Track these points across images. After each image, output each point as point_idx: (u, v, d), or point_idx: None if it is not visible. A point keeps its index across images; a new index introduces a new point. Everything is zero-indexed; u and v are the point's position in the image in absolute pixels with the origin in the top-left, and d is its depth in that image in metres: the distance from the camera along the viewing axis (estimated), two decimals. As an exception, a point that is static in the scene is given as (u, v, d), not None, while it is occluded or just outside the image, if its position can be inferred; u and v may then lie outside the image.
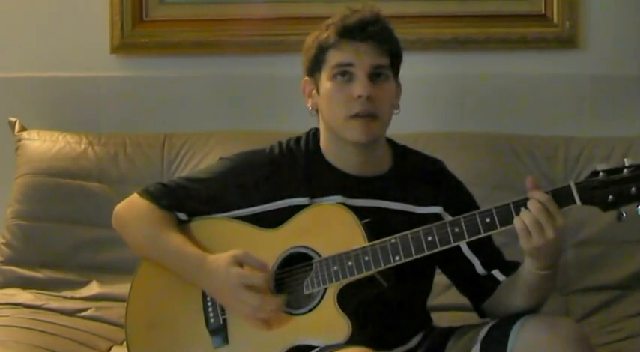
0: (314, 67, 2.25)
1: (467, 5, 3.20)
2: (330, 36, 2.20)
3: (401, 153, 2.34)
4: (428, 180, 2.32)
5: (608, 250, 2.85)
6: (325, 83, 2.22)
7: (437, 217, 2.26)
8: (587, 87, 3.16)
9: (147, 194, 2.32)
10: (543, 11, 3.16)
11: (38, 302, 2.87)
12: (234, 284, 2.14)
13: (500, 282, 2.25)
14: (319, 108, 2.27)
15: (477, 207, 2.29)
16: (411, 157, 2.36)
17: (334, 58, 2.20)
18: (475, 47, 3.18)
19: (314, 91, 2.27)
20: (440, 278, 2.38)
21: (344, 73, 2.20)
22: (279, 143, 2.34)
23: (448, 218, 2.24)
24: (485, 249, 2.26)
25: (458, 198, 2.32)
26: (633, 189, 1.98)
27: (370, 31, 2.19)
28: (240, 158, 2.34)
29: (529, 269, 2.09)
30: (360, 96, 2.17)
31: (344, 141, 2.24)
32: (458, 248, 2.22)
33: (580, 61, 3.17)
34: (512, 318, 2.10)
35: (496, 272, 2.26)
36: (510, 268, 2.23)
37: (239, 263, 2.17)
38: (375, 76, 2.20)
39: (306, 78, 2.29)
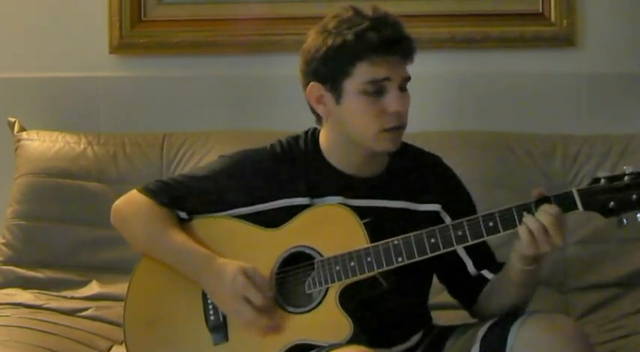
0: (332, 76, 2.17)
1: (464, 4, 3.20)
2: (363, 49, 2.12)
3: (399, 149, 2.33)
4: (425, 176, 2.32)
5: (607, 248, 2.86)
6: (353, 97, 2.16)
7: (435, 215, 2.27)
8: (584, 85, 3.17)
9: (147, 190, 2.32)
10: (541, 10, 3.16)
11: (38, 302, 2.87)
12: (237, 292, 2.14)
13: (489, 281, 2.26)
14: (336, 117, 2.22)
15: (473, 206, 2.33)
16: (409, 153, 2.36)
17: (367, 72, 2.13)
18: (472, 46, 3.19)
19: (326, 98, 2.21)
20: (436, 277, 2.39)
21: (378, 88, 2.15)
22: (280, 141, 2.34)
23: (446, 216, 2.27)
24: (479, 249, 2.26)
25: (456, 196, 2.33)
26: (634, 196, 1.99)
27: (403, 45, 2.15)
28: (240, 156, 2.34)
29: (515, 266, 2.11)
30: (395, 111, 2.15)
31: (356, 147, 2.22)
32: None
33: (578, 59, 3.17)
34: (511, 317, 2.11)
35: (485, 272, 2.27)
36: (499, 268, 2.24)
37: (246, 275, 2.16)
38: (402, 88, 2.17)
39: (315, 83, 2.21)
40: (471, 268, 2.27)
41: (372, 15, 2.17)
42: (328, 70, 2.18)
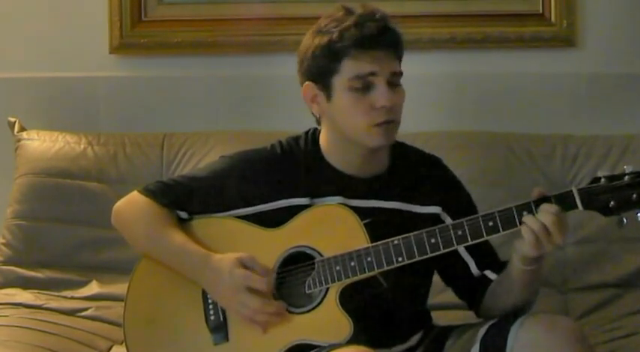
0: (321, 74, 2.20)
1: (464, 4, 3.20)
2: (346, 45, 2.14)
3: (399, 150, 2.34)
4: (427, 178, 2.32)
5: (607, 248, 2.86)
6: (341, 94, 2.18)
7: (436, 217, 2.27)
8: (584, 85, 3.16)
9: (147, 192, 2.32)
10: (541, 10, 3.16)
11: (38, 302, 2.87)
12: (237, 285, 2.15)
13: (492, 281, 2.26)
14: (328, 115, 2.24)
15: (473, 207, 2.33)
16: (410, 155, 2.36)
17: (352, 68, 2.15)
18: (473, 46, 3.18)
19: (319, 97, 2.24)
20: (440, 278, 2.39)
21: (364, 84, 2.16)
22: (280, 142, 2.34)
23: (447, 218, 2.26)
24: (481, 250, 2.26)
25: (456, 198, 2.33)
26: (634, 195, 2.01)
27: (387, 39, 2.17)
28: (241, 156, 2.34)
29: (516, 266, 2.11)
30: (383, 107, 2.15)
31: (354, 145, 2.23)
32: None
33: (578, 59, 3.17)
34: (511, 318, 2.11)
35: (488, 272, 2.27)
36: (502, 268, 2.24)
37: (243, 265, 2.17)
38: (391, 82, 2.17)
39: (308, 83, 2.24)
40: (473, 269, 2.28)
41: (358, 12, 2.19)
42: (317, 68, 2.20)
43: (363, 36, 2.15)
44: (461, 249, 2.24)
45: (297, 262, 2.21)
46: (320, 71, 2.20)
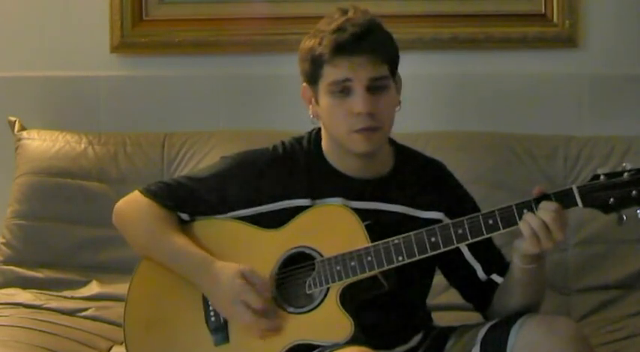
0: (311, 78, 2.21)
1: (466, 4, 3.20)
2: (324, 52, 2.14)
3: (402, 154, 2.33)
4: (430, 183, 2.31)
5: (609, 250, 2.85)
6: (324, 97, 2.19)
7: (438, 223, 2.25)
8: (586, 86, 3.16)
9: (149, 192, 2.31)
10: (543, 10, 3.16)
11: (38, 302, 2.87)
12: (235, 295, 2.15)
13: (499, 284, 2.26)
14: (320, 117, 2.25)
15: (478, 211, 2.30)
16: (413, 159, 2.35)
17: (330, 74, 2.15)
18: (475, 46, 3.18)
19: (313, 99, 2.24)
20: (440, 279, 2.38)
21: (342, 89, 2.15)
22: (282, 142, 2.33)
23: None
24: (487, 254, 2.27)
25: (460, 204, 2.31)
26: (634, 192, 2.01)
27: (365, 45, 2.14)
28: (242, 157, 2.33)
29: (517, 265, 2.11)
30: (360, 113, 2.14)
31: (346, 149, 2.22)
32: (459, 253, 2.23)
33: (580, 60, 3.17)
34: (511, 318, 2.11)
35: (495, 276, 2.27)
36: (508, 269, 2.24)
37: (244, 277, 2.16)
38: (373, 88, 2.15)
39: (305, 84, 2.25)
40: (480, 273, 2.27)
41: (345, 16, 2.18)
42: (305, 72, 2.22)
43: (339, 42, 2.13)
44: (467, 255, 2.25)
45: (298, 262, 2.20)
46: (308, 74, 2.22)
